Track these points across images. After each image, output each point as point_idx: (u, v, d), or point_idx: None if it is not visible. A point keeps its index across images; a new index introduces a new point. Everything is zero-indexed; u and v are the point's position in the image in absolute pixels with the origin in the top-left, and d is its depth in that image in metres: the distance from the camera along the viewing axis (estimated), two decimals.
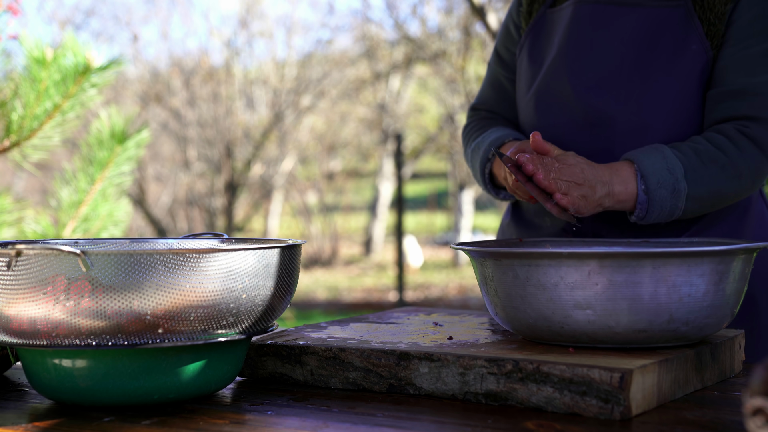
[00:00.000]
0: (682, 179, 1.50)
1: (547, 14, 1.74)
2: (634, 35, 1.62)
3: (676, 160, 1.50)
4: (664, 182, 1.49)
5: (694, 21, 1.59)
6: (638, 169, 1.50)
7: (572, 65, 1.65)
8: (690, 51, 1.58)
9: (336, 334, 1.39)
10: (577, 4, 1.68)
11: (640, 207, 1.50)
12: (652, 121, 1.59)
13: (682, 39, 1.59)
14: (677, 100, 1.59)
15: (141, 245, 1.44)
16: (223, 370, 1.19)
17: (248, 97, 13.30)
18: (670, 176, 1.49)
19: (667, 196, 1.49)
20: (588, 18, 1.66)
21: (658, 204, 1.50)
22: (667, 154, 1.51)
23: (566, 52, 1.66)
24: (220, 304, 1.12)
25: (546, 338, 1.25)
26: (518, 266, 1.23)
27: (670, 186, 1.49)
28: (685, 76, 1.59)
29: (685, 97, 1.59)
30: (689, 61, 1.58)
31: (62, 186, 2.78)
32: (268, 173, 13.23)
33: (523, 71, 1.76)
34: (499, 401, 1.15)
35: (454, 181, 13.53)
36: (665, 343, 1.22)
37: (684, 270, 1.18)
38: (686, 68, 1.59)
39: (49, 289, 1.07)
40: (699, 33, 1.58)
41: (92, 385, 1.12)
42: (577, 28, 1.67)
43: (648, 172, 1.49)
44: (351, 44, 14.15)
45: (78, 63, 2.52)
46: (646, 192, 1.49)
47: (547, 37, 1.73)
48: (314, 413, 1.13)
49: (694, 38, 1.59)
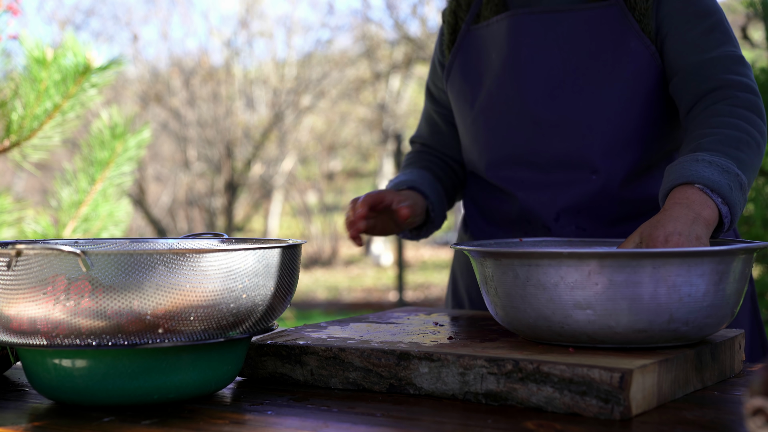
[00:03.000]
0: (740, 172, 1.41)
1: (471, 31, 1.75)
2: (572, 40, 1.62)
3: (720, 158, 1.41)
4: (733, 184, 1.39)
5: (629, 18, 1.60)
6: (704, 186, 1.38)
7: (518, 78, 1.66)
8: (630, 49, 1.59)
9: (336, 334, 1.39)
10: (511, 17, 1.67)
11: (726, 219, 1.39)
12: (603, 122, 1.60)
13: (621, 38, 1.60)
14: (625, 100, 1.60)
15: (141, 245, 1.45)
16: (223, 370, 1.20)
17: (248, 97, 13.30)
18: (731, 175, 1.39)
19: (740, 194, 1.40)
20: (525, 29, 1.66)
21: (738, 206, 1.40)
22: (708, 158, 1.41)
23: (511, 65, 1.67)
24: (220, 304, 1.12)
25: (546, 338, 1.26)
26: (518, 266, 1.23)
27: (738, 184, 1.40)
28: (630, 74, 1.59)
29: (634, 95, 1.60)
30: (631, 59, 1.59)
31: (62, 186, 2.78)
32: (268, 173, 13.23)
33: (457, 92, 1.78)
34: (499, 401, 1.15)
35: None
36: (665, 343, 1.22)
37: (684, 270, 1.18)
38: (629, 66, 1.59)
39: (49, 289, 1.07)
40: (636, 30, 1.59)
41: (92, 385, 1.12)
42: (516, 41, 1.66)
43: (715, 184, 1.38)
44: (351, 44, 14.16)
45: (78, 63, 2.52)
46: (725, 202, 1.38)
47: (479, 54, 1.73)
48: (314, 413, 1.13)
49: (632, 35, 1.59)
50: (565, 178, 1.63)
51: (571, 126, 1.62)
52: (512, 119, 1.67)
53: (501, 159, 1.69)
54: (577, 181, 1.63)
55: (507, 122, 1.67)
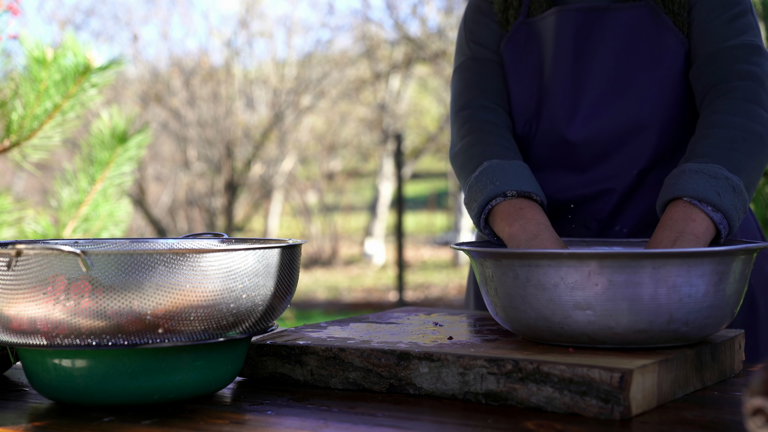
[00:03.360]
0: (730, 175, 1.39)
1: (526, 24, 1.69)
2: (614, 39, 1.62)
3: (708, 165, 1.40)
4: (721, 189, 1.37)
5: (662, 17, 1.59)
6: (690, 198, 1.37)
7: (563, 77, 1.64)
8: (668, 48, 1.59)
9: (336, 334, 1.39)
10: (558, 13, 1.66)
11: (722, 226, 1.37)
12: (646, 123, 1.59)
13: (657, 37, 1.59)
14: (665, 98, 1.59)
15: (141, 245, 1.45)
16: (223, 370, 1.20)
17: (248, 97, 13.30)
18: (719, 180, 1.38)
19: (733, 197, 1.38)
20: (572, 25, 1.64)
21: (733, 209, 1.37)
22: (695, 167, 1.40)
23: (559, 62, 1.65)
24: (220, 304, 1.12)
25: (546, 338, 1.25)
26: (518, 266, 1.23)
27: (728, 187, 1.38)
28: (667, 69, 1.59)
29: (672, 93, 1.59)
30: (667, 56, 1.59)
31: (62, 186, 2.78)
32: (268, 173, 13.23)
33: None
34: (499, 401, 1.15)
35: (454, 181, 13.53)
36: (665, 344, 1.22)
37: (684, 270, 1.18)
38: (666, 63, 1.59)
39: (49, 289, 1.07)
40: (670, 27, 1.59)
41: (92, 385, 1.12)
42: (561, 38, 1.65)
43: (701, 194, 1.37)
44: (351, 44, 14.15)
45: (78, 63, 2.52)
46: (717, 209, 1.36)
47: (530, 49, 1.69)
48: (314, 413, 1.13)
49: (668, 34, 1.59)
50: (616, 169, 1.63)
51: (605, 131, 1.61)
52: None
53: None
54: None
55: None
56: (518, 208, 1.48)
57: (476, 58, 1.72)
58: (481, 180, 1.54)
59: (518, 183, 1.50)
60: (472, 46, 1.73)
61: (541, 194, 1.52)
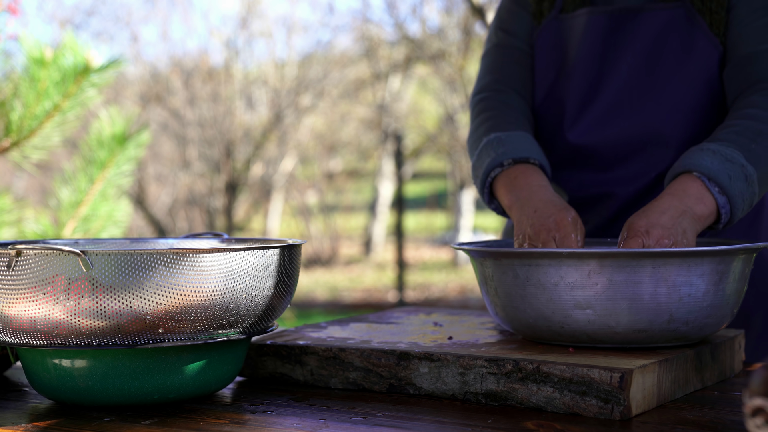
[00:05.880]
0: (746, 163, 1.37)
1: (558, 19, 1.69)
2: (643, 42, 1.61)
3: (727, 148, 1.38)
4: (733, 174, 1.35)
5: (696, 19, 1.58)
6: (701, 174, 1.35)
7: (588, 77, 1.63)
8: (697, 49, 1.58)
9: (336, 334, 1.39)
10: (589, 14, 1.65)
11: (723, 210, 1.36)
12: (668, 127, 1.59)
13: (688, 39, 1.59)
14: (690, 102, 1.58)
15: (141, 245, 1.44)
16: (223, 370, 1.20)
17: (248, 97, 13.30)
18: (734, 165, 1.36)
19: (744, 185, 1.36)
20: (600, 29, 1.63)
21: (740, 197, 1.36)
22: (714, 147, 1.38)
23: (578, 65, 1.64)
24: (220, 304, 1.12)
25: (546, 338, 1.25)
26: (518, 266, 1.23)
27: (741, 174, 1.36)
28: (696, 74, 1.58)
29: (698, 97, 1.59)
30: (697, 60, 1.58)
31: (62, 186, 2.77)
32: (268, 173, 13.23)
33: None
34: (499, 401, 1.15)
35: (454, 181, 13.52)
36: (665, 343, 1.22)
37: (684, 270, 1.18)
38: (696, 67, 1.58)
39: (49, 289, 1.07)
40: (703, 30, 1.58)
41: (92, 385, 1.12)
42: (589, 40, 1.64)
43: (713, 172, 1.35)
44: (351, 44, 14.15)
45: (78, 63, 2.52)
46: (723, 192, 1.35)
47: (558, 45, 1.69)
48: (314, 413, 1.13)
49: (699, 35, 1.58)
50: (627, 174, 1.62)
51: (627, 132, 1.60)
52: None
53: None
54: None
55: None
56: (513, 177, 1.49)
57: (500, 45, 1.73)
58: (481, 157, 1.55)
59: (514, 151, 1.50)
60: (499, 34, 1.75)
61: (539, 157, 1.51)
